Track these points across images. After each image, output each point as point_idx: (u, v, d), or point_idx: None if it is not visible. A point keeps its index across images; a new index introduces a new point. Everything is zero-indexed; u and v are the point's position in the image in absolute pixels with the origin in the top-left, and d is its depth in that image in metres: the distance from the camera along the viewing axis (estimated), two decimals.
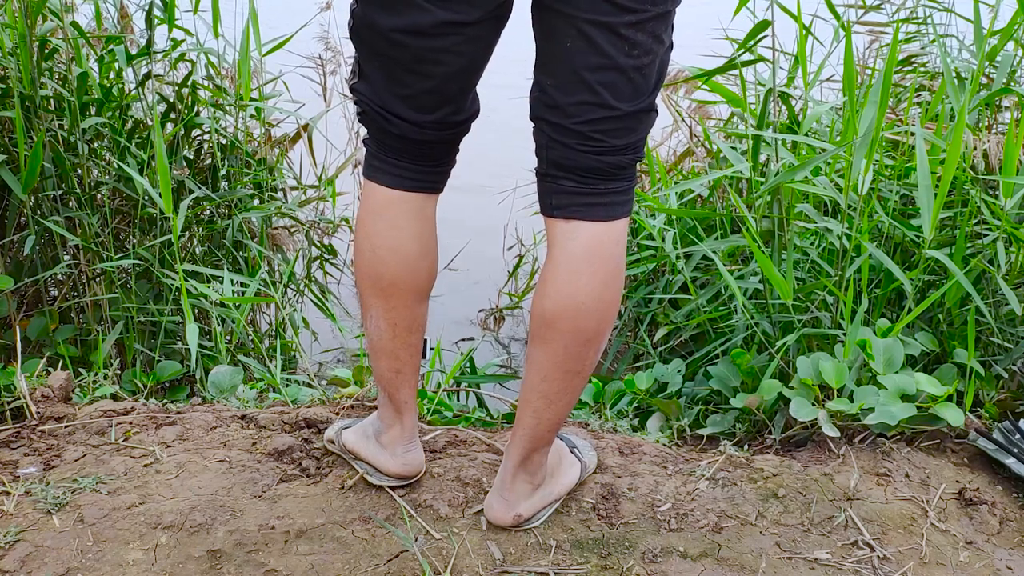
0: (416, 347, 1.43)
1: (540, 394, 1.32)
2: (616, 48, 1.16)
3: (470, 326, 3.76)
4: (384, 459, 1.50)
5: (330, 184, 3.40)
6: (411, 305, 1.39)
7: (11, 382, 1.76)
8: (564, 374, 1.30)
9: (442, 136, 1.33)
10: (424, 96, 1.27)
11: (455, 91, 1.28)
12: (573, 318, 1.25)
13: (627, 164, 1.25)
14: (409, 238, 1.35)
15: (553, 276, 1.26)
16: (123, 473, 1.56)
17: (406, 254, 1.35)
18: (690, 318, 2.40)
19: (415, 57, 1.23)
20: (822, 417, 1.73)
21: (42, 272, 2.57)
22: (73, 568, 1.33)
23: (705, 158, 3.18)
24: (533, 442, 1.36)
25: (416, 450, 1.52)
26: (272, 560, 1.37)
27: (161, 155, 2.00)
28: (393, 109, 1.29)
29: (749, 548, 1.46)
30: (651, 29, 1.17)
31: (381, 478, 1.52)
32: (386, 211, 1.34)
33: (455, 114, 1.32)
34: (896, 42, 1.86)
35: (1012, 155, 1.92)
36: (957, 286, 1.97)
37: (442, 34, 1.20)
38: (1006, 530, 1.57)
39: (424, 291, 1.40)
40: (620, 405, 2.17)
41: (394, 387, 1.45)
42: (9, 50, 2.50)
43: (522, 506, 1.42)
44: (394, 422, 1.49)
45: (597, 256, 1.25)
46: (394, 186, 1.34)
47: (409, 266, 1.36)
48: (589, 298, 1.24)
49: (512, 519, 1.42)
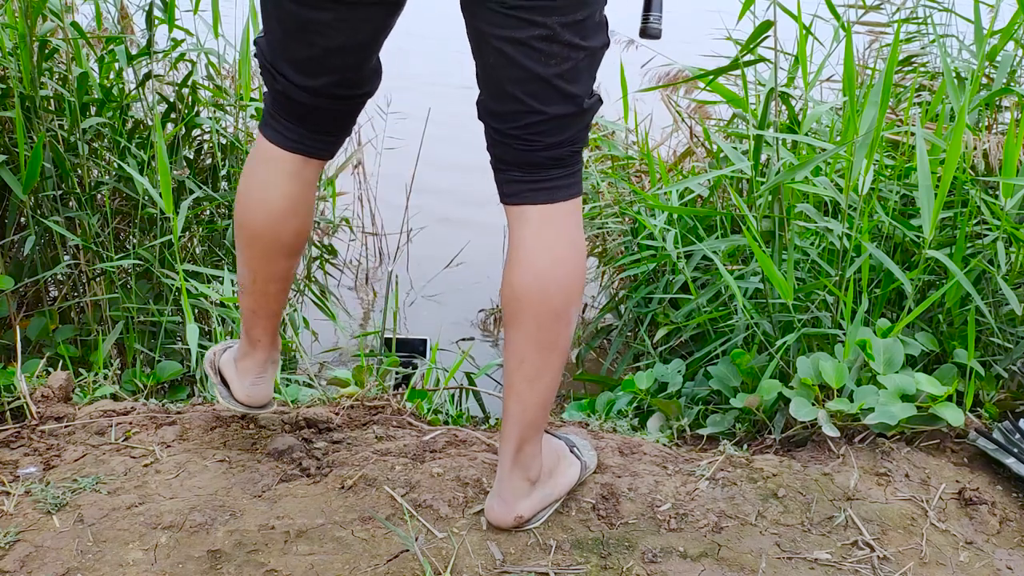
0: (274, 295, 1.52)
1: (521, 377, 1.35)
2: (533, 60, 1.21)
3: (470, 326, 3.76)
4: (236, 384, 1.61)
5: (330, 184, 3.40)
6: (272, 258, 1.46)
7: (11, 382, 1.76)
8: (540, 351, 1.33)
9: (325, 104, 1.38)
10: (307, 63, 1.33)
11: (338, 64, 1.34)
12: (537, 294, 1.30)
13: (565, 155, 1.31)
14: (279, 196, 1.41)
15: (514, 259, 1.32)
16: (123, 473, 1.56)
17: (271, 210, 1.41)
18: (690, 318, 2.40)
19: (298, 24, 1.28)
20: (822, 417, 1.73)
21: (42, 272, 2.58)
22: (73, 568, 1.33)
23: (705, 158, 3.18)
24: (522, 430, 1.38)
25: (262, 385, 1.61)
26: (272, 560, 1.37)
27: (161, 155, 2.00)
28: (280, 68, 1.36)
29: (749, 548, 1.46)
30: (566, 39, 1.21)
31: (231, 401, 1.61)
32: (264, 164, 1.41)
33: (340, 86, 1.37)
34: (897, 42, 1.86)
35: (1012, 155, 1.92)
36: (957, 286, 1.97)
37: (322, 7, 1.25)
38: (1006, 530, 1.57)
39: (287, 248, 1.46)
40: (619, 405, 2.17)
41: (249, 324, 1.55)
42: (9, 50, 2.50)
43: (522, 505, 1.42)
44: (248, 352, 1.59)
45: (548, 236, 1.31)
46: (275, 142, 1.40)
47: (273, 221, 1.42)
48: (548, 274, 1.30)
49: (513, 520, 1.42)
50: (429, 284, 4.02)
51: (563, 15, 1.19)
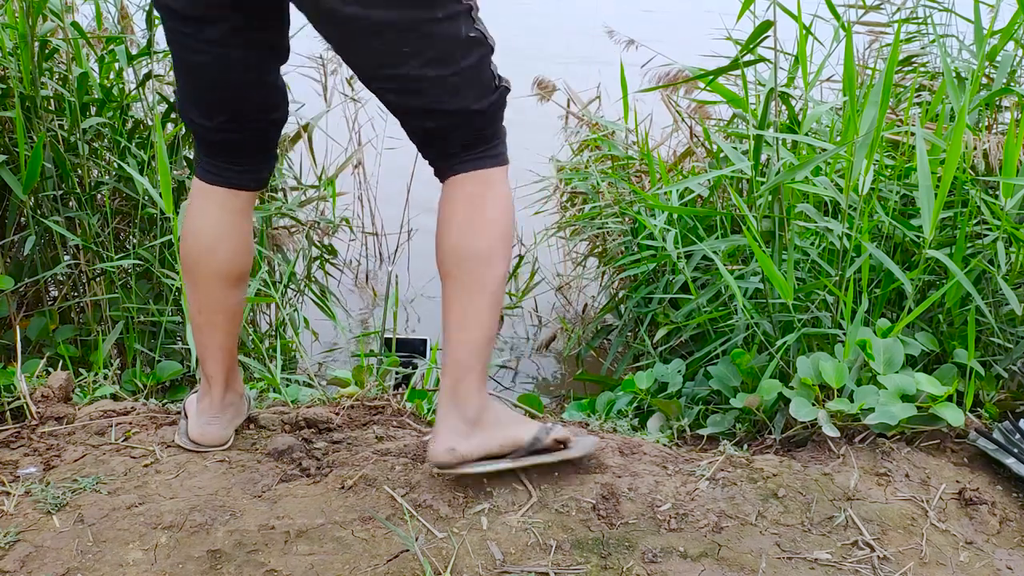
0: (222, 328, 1.57)
1: (453, 323, 1.47)
2: (402, 96, 1.38)
3: None
4: (192, 423, 1.64)
5: (330, 184, 3.40)
6: (211, 286, 1.54)
7: (11, 382, 1.76)
8: (468, 295, 1.45)
9: (233, 137, 1.50)
10: (201, 103, 1.48)
11: (227, 100, 1.46)
12: (457, 244, 1.44)
13: (464, 147, 1.44)
14: (209, 225, 1.52)
15: (439, 228, 1.48)
16: (123, 473, 1.56)
17: (202, 239, 1.52)
18: (690, 318, 2.40)
19: (187, 68, 1.44)
20: (822, 417, 1.73)
21: (42, 272, 2.58)
22: (73, 568, 1.33)
23: (705, 158, 3.18)
24: (456, 369, 1.46)
25: (216, 426, 1.63)
26: (272, 560, 1.37)
27: (162, 155, 2.00)
28: (187, 112, 1.51)
29: (749, 548, 1.46)
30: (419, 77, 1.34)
31: (182, 438, 1.64)
32: (195, 199, 1.54)
33: (235, 121, 1.48)
34: (897, 42, 1.86)
35: (1012, 155, 1.92)
36: (957, 286, 1.97)
37: (199, 51, 1.40)
38: (1006, 530, 1.57)
39: (224, 276, 1.54)
40: (619, 405, 2.17)
41: (202, 359, 1.61)
42: (9, 50, 2.50)
43: (457, 441, 1.47)
44: (205, 391, 1.63)
45: (458, 200, 1.46)
46: (202, 178, 1.53)
47: (205, 250, 1.52)
48: (464, 228, 1.44)
49: (446, 451, 1.46)
50: (429, 284, 4.02)
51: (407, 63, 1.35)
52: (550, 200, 3.67)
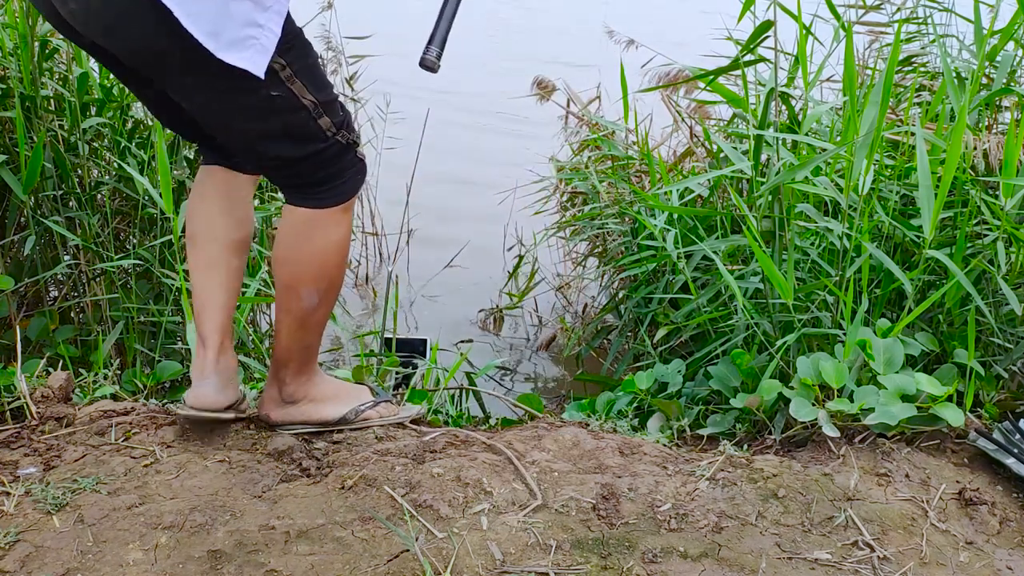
0: (221, 285, 1.65)
1: (275, 324, 1.68)
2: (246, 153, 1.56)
3: (469, 326, 3.76)
4: (189, 389, 1.68)
5: None
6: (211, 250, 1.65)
7: (11, 382, 1.76)
8: (279, 309, 1.64)
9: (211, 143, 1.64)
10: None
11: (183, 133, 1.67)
12: (276, 264, 1.62)
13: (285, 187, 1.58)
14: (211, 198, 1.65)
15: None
16: (123, 473, 1.56)
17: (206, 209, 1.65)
18: (690, 318, 2.40)
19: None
20: (822, 417, 1.73)
21: (42, 272, 2.58)
22: (73, 568, 1.33)
23: (705, 158, 3.18)
24: (275, 362, 1.69)
25: (206, 386, 1.65)
26: (272, 560, 1.37)
27: (162, 155, 2.00)
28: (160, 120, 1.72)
29: (749, 548, 1.46)
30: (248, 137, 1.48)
31: (180, 408, 1.68)
32: (199, 175, 1.68)
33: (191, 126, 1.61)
34: (897, 42, 1.86)
35: (1012, 155, 1.92)
36: (957, 286, 1.97)
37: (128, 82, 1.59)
38: (1006, 530, 1.57)
39: (224, 241, 1.65)
40: (620, 405, 2.17)
41: (199, 319, 1.67)
42: (10, 50, 2.50)
43: (271, 410, 1.72)
44: (199, 353, 1.68)
45: (285, 225, 1.59)
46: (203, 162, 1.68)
47: (207, 219, 1.65)
48: (283, 254, 1.59)
49: (263, 415, 1.73)
50: (429, 284, 4.02)
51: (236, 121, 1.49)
52: (550, 200, 3.67)
